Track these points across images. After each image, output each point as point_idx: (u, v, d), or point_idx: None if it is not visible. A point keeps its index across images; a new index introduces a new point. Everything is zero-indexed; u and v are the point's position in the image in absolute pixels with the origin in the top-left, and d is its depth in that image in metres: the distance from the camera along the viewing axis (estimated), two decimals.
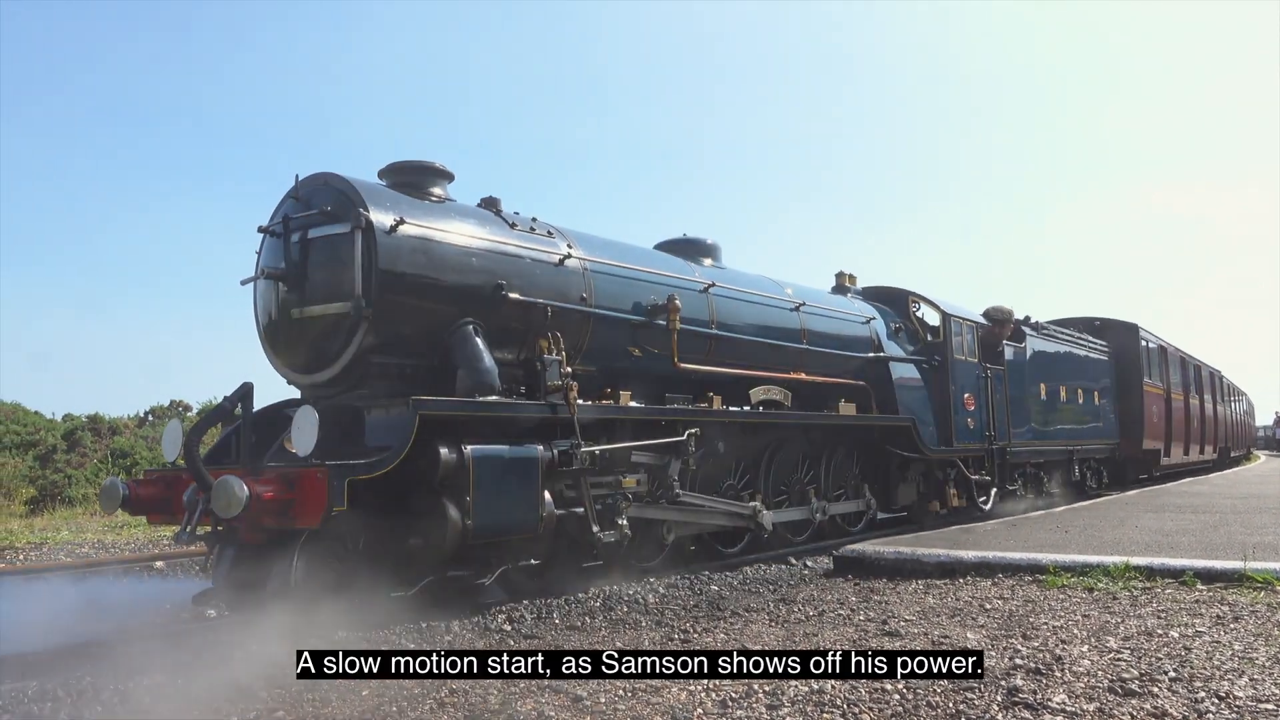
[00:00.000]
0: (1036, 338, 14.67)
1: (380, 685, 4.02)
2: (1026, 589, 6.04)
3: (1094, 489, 16.65)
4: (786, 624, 5.33)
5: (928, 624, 5.08)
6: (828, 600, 6.05)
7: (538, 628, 5.47)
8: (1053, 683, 3.73)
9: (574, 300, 7.21)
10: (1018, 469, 13.62)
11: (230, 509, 4.96)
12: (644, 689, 3.86)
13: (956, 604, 5.65)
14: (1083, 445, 15.90)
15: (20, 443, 21.46)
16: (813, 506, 9.44)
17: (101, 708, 3.96)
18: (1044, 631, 4.73)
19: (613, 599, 6.32)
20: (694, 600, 6.34)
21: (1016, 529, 9.10)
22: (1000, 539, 8.12)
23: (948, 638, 4.69)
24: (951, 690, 3.67)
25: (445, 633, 5.30)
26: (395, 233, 6.08)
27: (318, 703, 3.85)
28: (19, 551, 10.75)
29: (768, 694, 3.71)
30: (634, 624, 5.54)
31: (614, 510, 6.87)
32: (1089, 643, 4.44)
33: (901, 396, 10.89)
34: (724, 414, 8.16)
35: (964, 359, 12.06)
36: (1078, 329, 17.33)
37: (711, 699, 3.70)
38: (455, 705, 3.75)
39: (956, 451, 11.61)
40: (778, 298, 9.67)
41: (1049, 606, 5.42)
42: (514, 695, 3.84)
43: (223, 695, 3.97)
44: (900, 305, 12.23)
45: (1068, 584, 6.08)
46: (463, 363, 6.28)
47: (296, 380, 6.43)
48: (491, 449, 5.91)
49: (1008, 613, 5.30)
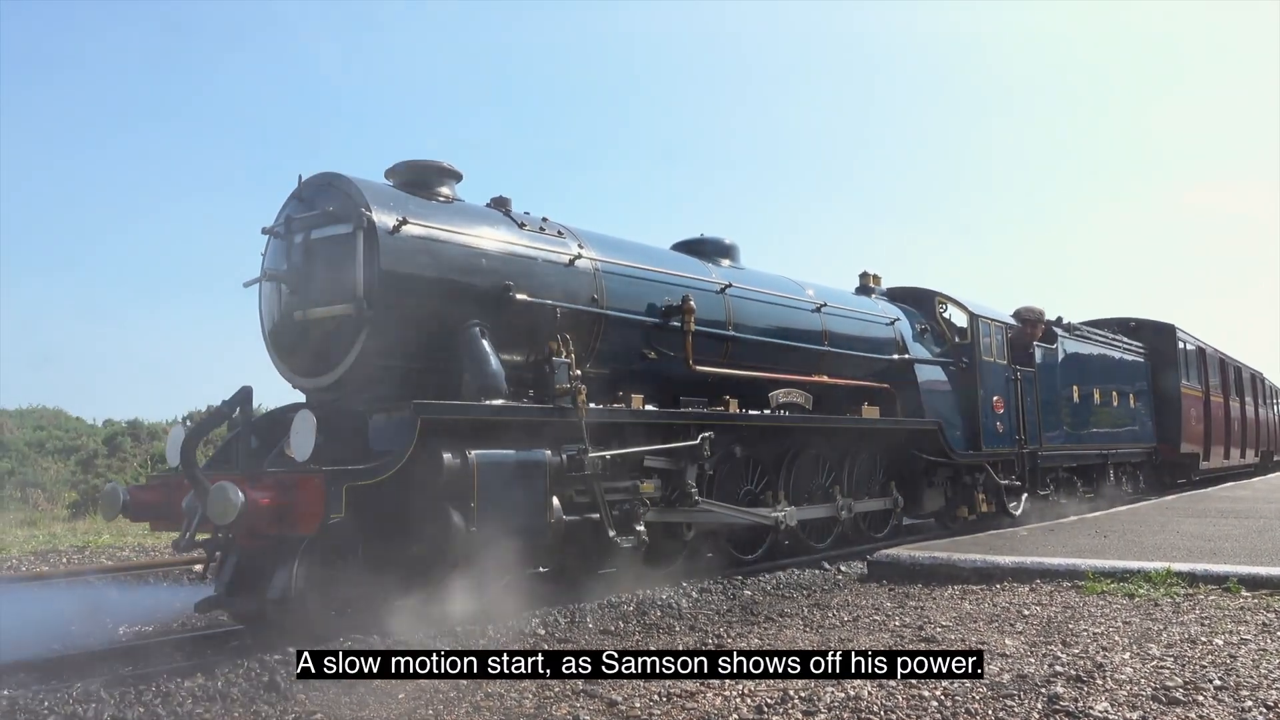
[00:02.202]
0: (1069, 339, 14.30)
1: (416, 688, 4.06)
2: (1065, 595, 5.93)
3: (1130, 494, 16.21)
4: (821, 629, 5.27)
5: (965, 630, 5.01)
6: (862, 605, 5.97)
7: (571, 632, 5.45)
8: (1094, 690, 3.66)
9: (584, 301, 7.05)
10: (1050, 474, 13.26)
11: (225, 516, 4.84)
12: (679, 694, 3.84)
13: (994, 610, 5.57)
14: (1118, 449, 15.48)
15: (63, 448, 21.82)
16: (838, 504, 9.18)
17: (143, 709, 4.00)
18: (1084, 638, 4.65)
19: (646, 603, 6.28)
20: (727, 605, 6.27)
21: (1054, 534, 8.94)
22: (1037, 544, 7.98)
23: (985, 644, 4.61)
24: (991, 697, 3.62)
25: (480, 636, 5.29)
26: (398, 233, 5.94)
27: (355, 705, 3.89)
28: (62, 555, 10.94)
29: (803, 699, 3.67)
30: (668, 629, 5.52)
31: (631, 515, 6.69)
32: (1131, 650, 4.35)
33: (927, 399, 10.61)
34: (737, 417, 7.94)
35: (993, 361, 11.74)
36: (1112, 330, 16.91)
37: (747, 704, 3.67)
38: (491, 709, 3.76)
39: (985, 456, 11.29)
40: (798, 298, 9.44)
41: (1088, 613, 5.32)
42: (549, 699, 3.85)
43: (262, 697, 4.03)
44: (927, 306, 11.94)
45: (1107, 590, 5.97)
46: (469, 365, 6.14)
47: (300, 384, 6.31)
48: (496, 454, 5.74)
49: (1046, 619, 5.20)
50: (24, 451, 20.83)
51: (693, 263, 8.53)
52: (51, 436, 22.10)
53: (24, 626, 5.86)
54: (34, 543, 12.42)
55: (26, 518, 16.76)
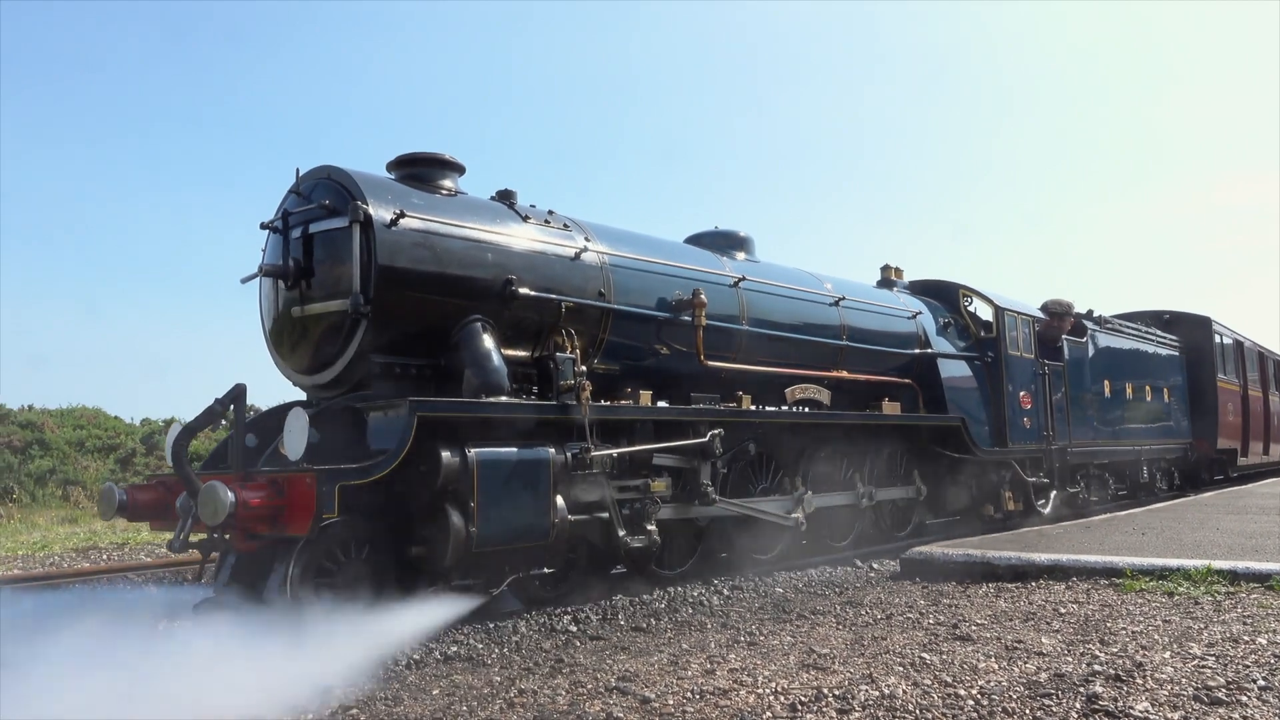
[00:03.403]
0: (1100, 332, 13.93)
1: (450, 684, 4.13)
2: (1102, 593, 5.85)
3: (1165, 491, 15.79)
4: (854, 627, 5.24)
5: (1000, 628, 4.95)
6: (895, 603, 5.92)
7: (604, 629, 5.46)
8: (1134, 690, 3.60)
9: (591, 295, 6.87)
10: (1080, 471, 12.91)
11: (215, 516, 4.73)
12: (712, 691, 3.83)
13: (1029, 608, 5.50)
14: (1152, 445, 15.07)
15: (102, 446, 22.11)
16: (858, 491, 8.93)
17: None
18: (1123, 637, 4.57)
19: (677, 600, 6.27)
20: (759, 602, 6.24)
21: (1090, 531, 8.82)
22: (1073, 541, 7.87)
23: (1021, 642, 4.53)
24: (1028, 697, 3.56)
25: (513, 633, 5.30)
26: (396, 226, 5.81)
27: (390, 701, 3.92)
28: (103, 552, 11.09)
29: (838, 698, 3.64)
30: (699, 625, 5.50)
31: (642, 515, 6.51)
32: (1171, 649, 4.28)
33: (951, 395, 10.33)
34: (745, 413, 7.72)
35: (1019, 355, 11.43)
36: (1145, 323, 16.47)
37: (780, 702, 3.64)
38: (525, 705, 3.76)
39: (1011, 452, 10.99)
40: (815, 292, 9.21)
41: (1127, 611, 5.24)
42: (582, 696, 3.85)
43: (301, 692, 4.03)
44: (950, 299, 11.65)
45: (1146, 588, 5.88)
46: (470, 362, 5.99)
47: (300, 382, 6.21)
48: (497, 452, 5.59)
49: (1083, 617, 5.13)
50: (65, 450, 21.12)
51: (705, 256, 8.33)
52: (91, 435, 22.38)
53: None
54: (75, 539, 12.63)
55: (67, 515, 17.04)
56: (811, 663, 4.28)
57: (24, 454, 20.39)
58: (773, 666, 4.24)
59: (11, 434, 20.88)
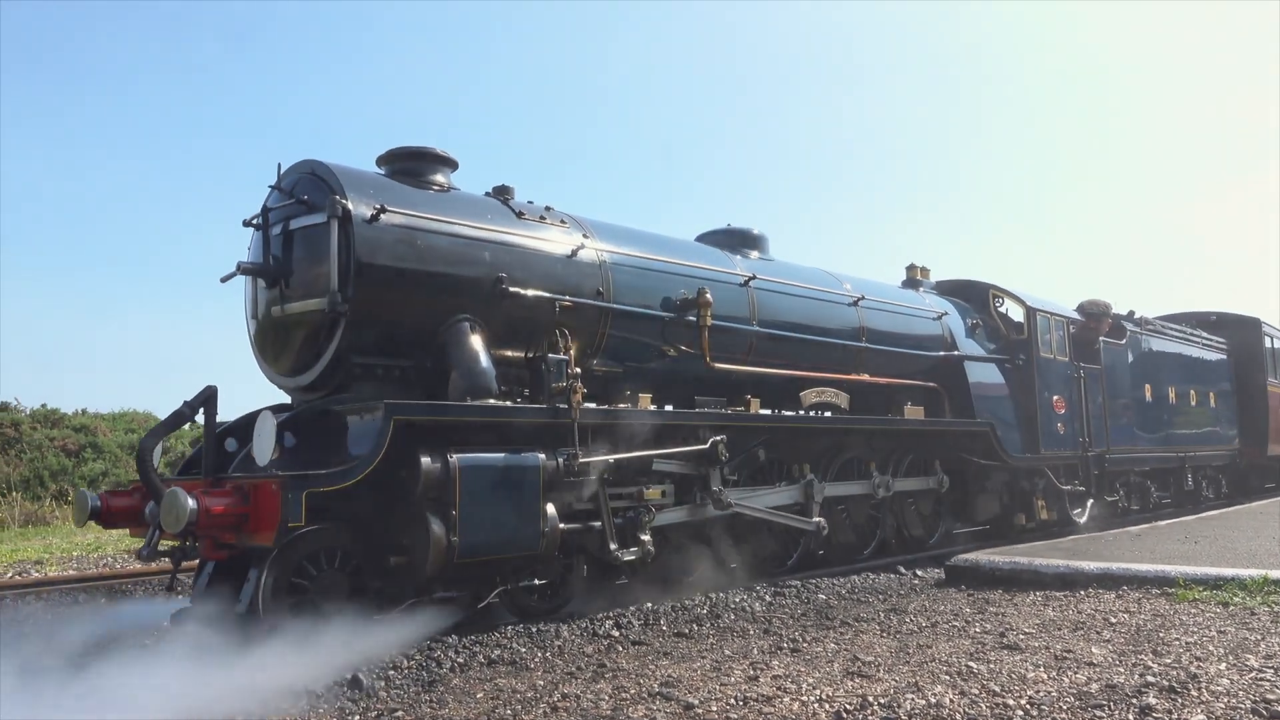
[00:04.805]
0: (1141, 334, 13.36)
1: (494, 689, 4.15)
2: (1154, 602, 5.76)
3: (1211, 499, 15.12)
4: (899, 634, 5.17)
5: (1049, 637, 4.88)
6: (941, 611, 5.86)
7: (645, 634, 5.42)
8: (1189, 702, 3.54)
9: (588, 294, 6.59)
10: (1119, 479, 12.35)
11: (177, 524, 4.52)
12: (755, 698, 3.80)
13: (1079, 617, 5.43)
14: (1197, 452, 14.43)
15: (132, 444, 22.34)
16: (874, 481, 8.51)
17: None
18: (1176, 648, 4.49)
19: (719, 606, 6.21)
20: (801, 609, 6.19)
21: (1140, 539, 8.66)
22: (1123, 549, 7.74)
23: (1071, 652, 4.46)
24: (1079, 707, 3.51)
25: (555, 637, 5.28)
26: (377, 222, 5.57)
27: (434, 704, 3.96)
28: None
29: (883, 705, 3.60)
30: (741, 632, 5.45)
31: (635, 524, 6.20)
32: (1226, 661, 4.18)
33: (979, 399, 9.89)
34: (748, 417, 7.35)
35: (1052, 357, 10.94)
36: (1190, 324, 15.80)
37: (825, 710, 3.61)
38: (568, 710, 3.77)
39: (1044, 459, 10.50)
40: (833, 292, 8.84)
41: (1180, 621, 5.14)
42: (625, 701, 3.85)
43: (345, 694, 4.10)
44: (979, 300, 11.19)
45: (1199, 598, 5.76)
46: (457, 363, 5.74)
47: (282, 384, 6.00)
48: (481, 457, 5.32)
49: (1135, 627, 5.05)
50: (117, 453, 21.38)
51: (714, 254, 8.01)
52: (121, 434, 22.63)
53: None
54: (128, 541, 12.71)
55: None
56: (856, 670, 4.25)
57: (78, 457, 20.75)
58: (817, 674, 4.20)
59: (66, 437, 21.20)
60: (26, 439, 20.65)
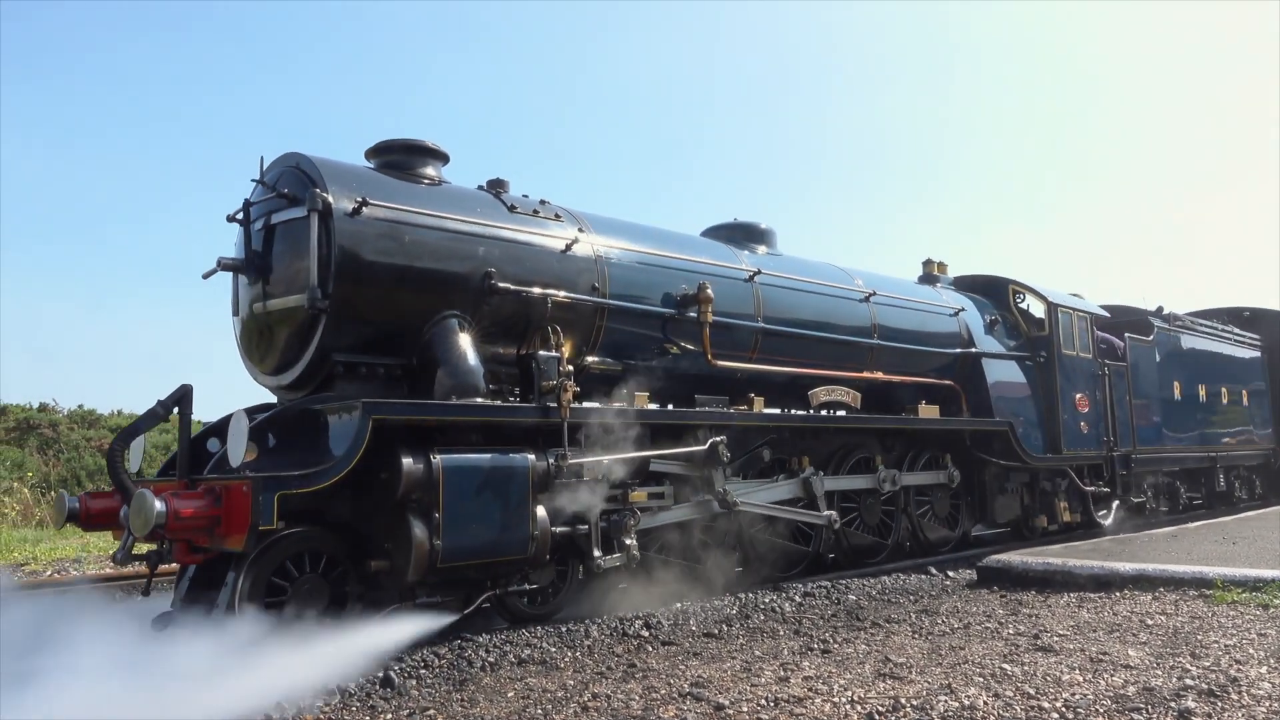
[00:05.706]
0: (1169, 330, 12.95)
1: (524, 687, 4.17)
2: (1191, 604, 5.68)
3: (1245, 500, 14.64)
4: (930, 636, 5.11)
5: (1083, 639, 4.82)
6: (973, 612, 5.81)
7: (675, 634, 5.40)
8: (1229, 706, 3.49)
9: (583, 290, 6.39)
10: (1146, 479, 11.95)
11: (144, 527, 4.38)
12: (786, 699, 3.79)
13: (1114, 619, 5.37)
14: (1229, 451, 13.98)
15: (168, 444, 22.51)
16: (880, 475, 8.19)
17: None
18: (1215, 650, 4.42)
19: (749, 606, 6.16)
20: (831, 610, 6.14)
21: (1176, 540, 8.55)
22: (1159, 550, 7.64)
23: (1107, 654, 4.40)
24: (1116, 711, 3.48)
25: (585, 637, 5.27)
26: (359, 215, 5.41)
27: (466, 703, 4.00)
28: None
29: (915, 707, 3.57)
30: (771, 632, 5.43)
31: (620, 528, 5.97)
32: (1267, 664, 4.13)
33: (998, 397, 9.58)
34: (750, 417, 7.09)
35: (1075, 354, 10.59)
36: (1221, 320, 15.32)
37: (858, 711, 3.59)
38: (599, 710, 3.77)
39: (1066, 459, 10.16)
40: (843, 287, 8.57)
41: (1218, 624, 5.06)
42: (655, 701, 3.85)
43: (378, 693, 4.11)
44: (999, 296, 10.85)
45: (1238, 600, 5.67)
46: (443, 361, 5.56)
47: (265, 383, 5.85)
48: (465, 458, 5.13)
49: (1172, 629, 4.98)
50: (151, 453, 21.57)
51: (718, 248, 7.78)
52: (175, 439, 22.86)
53: None
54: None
55: None
56: (888, 672, 4.20)
57: None
58: (848, 675, 4.16)
59: (103, 438, 21.37)
60: (64, 439, 20.87)
